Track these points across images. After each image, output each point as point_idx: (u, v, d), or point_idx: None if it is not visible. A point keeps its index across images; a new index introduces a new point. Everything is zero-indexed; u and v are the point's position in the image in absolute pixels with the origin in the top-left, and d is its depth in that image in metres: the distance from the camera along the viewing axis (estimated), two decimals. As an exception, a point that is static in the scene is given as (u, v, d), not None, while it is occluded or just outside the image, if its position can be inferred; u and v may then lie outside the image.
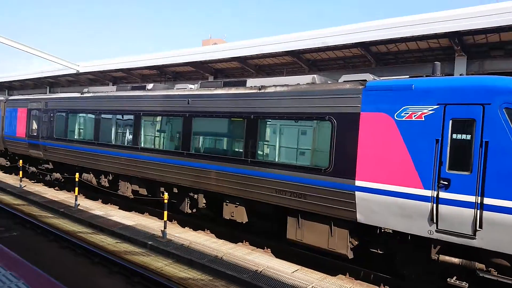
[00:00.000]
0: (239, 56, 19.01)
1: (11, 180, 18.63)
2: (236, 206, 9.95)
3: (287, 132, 8.70)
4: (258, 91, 9.32)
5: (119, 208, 14.08)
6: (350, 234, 7.90)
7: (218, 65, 22.35)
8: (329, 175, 7.77)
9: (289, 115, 8.59)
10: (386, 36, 14.46)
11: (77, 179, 13.27)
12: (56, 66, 29.17)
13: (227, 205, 10.16)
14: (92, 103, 14.05)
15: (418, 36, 13.92)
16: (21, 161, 16.51)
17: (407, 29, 13.99)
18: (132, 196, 13.14)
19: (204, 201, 10.80)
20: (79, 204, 13.34)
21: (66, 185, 16.89)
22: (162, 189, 11.88)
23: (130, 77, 28.42)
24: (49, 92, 36.63)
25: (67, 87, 34.89)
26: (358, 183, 7.36)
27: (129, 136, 12.80)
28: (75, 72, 27.94)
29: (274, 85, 9.11)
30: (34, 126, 16.81)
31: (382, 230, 8.03)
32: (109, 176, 13.83)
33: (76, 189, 13.27)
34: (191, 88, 11.83)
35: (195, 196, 10.93)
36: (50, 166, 16.44)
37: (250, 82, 10.11)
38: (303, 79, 9.02)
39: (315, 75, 8.96)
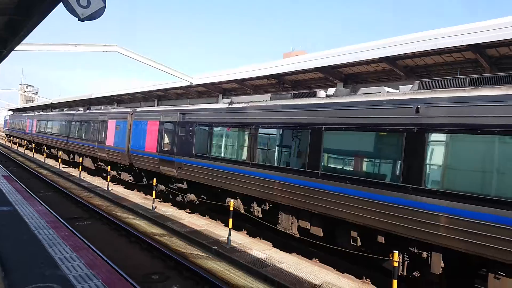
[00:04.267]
0: (389, 56, 14.96)
1: (136, 198, 16.62)
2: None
3: None
4: None
5: (272, 245, 10.69)
6: None
7: (351, 70, 18.49)
8: None
9: None
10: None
11: (231, 208, 10.18)
12: (167, 79, 27.97)
13: None
14: (245, 116, 10.96)
15: None
16: (154, 179, 14.20)
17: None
18: (298, 235, 9.66)
19: (443, 265, 6.77)
20: (230, 239, 10.24)
21: (198, 208, 14.21)
22: (354, 234, 8.15)
23: (241, 89, 25.83)
24: (157, 104, 36.10)
25: (175, 100, 33.89)
26: None
27: (300, 158, 9.38)
28: (188, 84, 26.29)
29: None
30: (167, 140, 14.46)
31: None
32: (264, 205, 10.58)
33: (230, 221, 10.16)
34: (388, 92, 8.02)
35: (424, 254, 6.94)
36: (184, 185, 13.87)
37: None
38: None
39: None
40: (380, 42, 15.59)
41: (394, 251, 6.51)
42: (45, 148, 32.65)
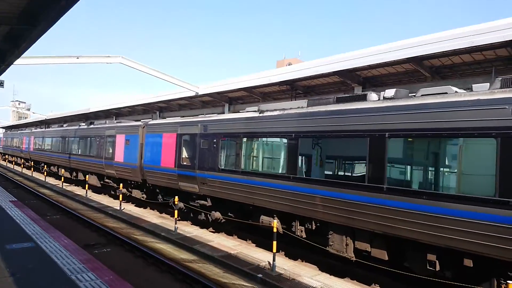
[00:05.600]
0: (417, 56, 13.93)
1: (153, 217, 15.22)
2: None
3: None
4: None
5: (319, 269, 9.43)
6: None
7: (371, 72, 17.49)
8: None
9: None
10: None
11: (275, 229, 8.92)
12: (170, 90, 26.83)
13: None
14: (281, 124, 9.78)
15: None
16: (176, 198, 12.87)
17: None
18: (354, 258, 8.42)
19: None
20: (275, 265, 8.97)
21: (223, 227, 12.90)
22: (432, 257, 6.96)
23: (249, 97, 24.72)
24: (159, 117, 34.75)
25: (178, 111, 32.57)
26: None
27: (355, 170, 8.22)
28: (193, 94, 25.05)
29: None
30: (187, 154, 13.17)
31: None
32: (309, 223, 9.36)
33: (274, 244, 8.87)
34: (457, 92, 6.94)
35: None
36: (208, 203, 12.56)
37: None
38: None
39: None
40: (406, 42, 14.55)
41: (508, 281, 5.34)
42: (45, 166, 30.96)
